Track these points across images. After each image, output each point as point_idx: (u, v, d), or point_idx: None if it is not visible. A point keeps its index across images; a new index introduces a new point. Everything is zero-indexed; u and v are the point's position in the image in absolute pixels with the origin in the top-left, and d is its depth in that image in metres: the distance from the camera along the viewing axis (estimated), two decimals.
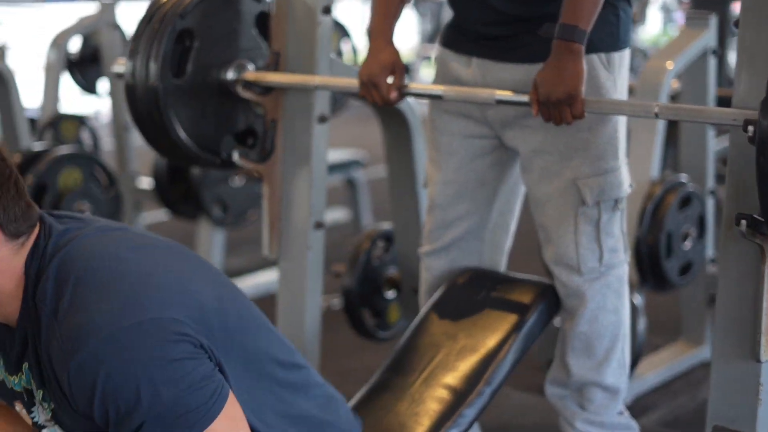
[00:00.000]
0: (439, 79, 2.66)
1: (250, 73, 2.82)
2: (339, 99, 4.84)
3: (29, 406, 1.76)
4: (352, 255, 3.36)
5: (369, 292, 3.37)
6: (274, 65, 2.83)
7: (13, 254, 1.64)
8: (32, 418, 1.76)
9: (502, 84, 2.49)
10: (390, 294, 3.41)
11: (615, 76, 2.49)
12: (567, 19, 2.31)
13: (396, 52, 2.59)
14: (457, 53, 2.60)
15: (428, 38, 11.36)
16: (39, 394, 1.70)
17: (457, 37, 2.61)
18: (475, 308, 2.63)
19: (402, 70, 2.58)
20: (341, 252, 3.53)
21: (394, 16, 2.62)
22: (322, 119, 2.85)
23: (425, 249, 2.80)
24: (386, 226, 3.45)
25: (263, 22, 2.89)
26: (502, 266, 2.84)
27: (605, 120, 2.48)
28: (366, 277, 3.36)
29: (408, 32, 11.40)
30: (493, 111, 2.56)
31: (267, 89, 2.82)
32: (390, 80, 2.57)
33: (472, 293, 2.67)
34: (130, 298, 1.60)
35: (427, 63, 10.95)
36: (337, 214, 6.04)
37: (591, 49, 2.39)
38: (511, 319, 2.58)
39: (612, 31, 2.47)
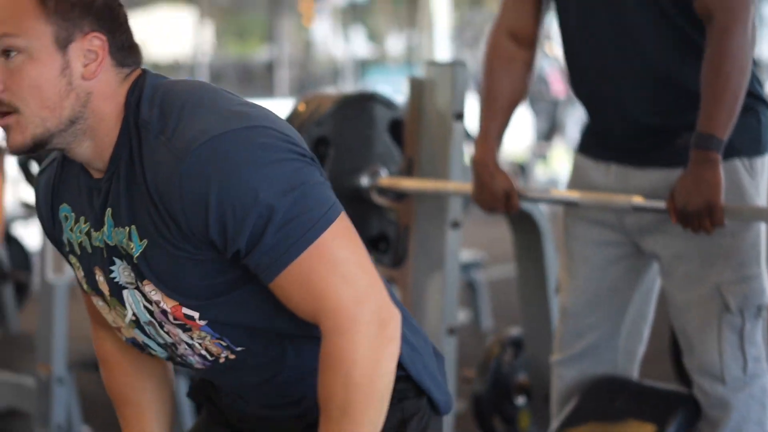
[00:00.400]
0: (575, 185, 2.66)
1: (384, 179, 2.84)
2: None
3: (108, 265, 1.69)
4: (483, 360, 3.33)
5: (499, 398, 3.33)
6: (408, 171, 2.85)
7: (119, 83, 1.64)
8: (113, 278, 1.69)
9: (640, 190, 2.47)
10: (520, 400, 3.37)
11: (758, 182, 2.46)
12: (703, 128, 2.30)
13: (506, 178, 2.60)
14: (595, 160, 2.60)
15: (543, 136, 11.36)
16: (125, 233, 1.63)
17: (596, 144, 2.61)
18: (612, 418, 2.58)
19: (515, 191, 2.59)
20: (462, 354, 3.49)
21: (497, 140, 2.62)
22: (455, 225, 2.85)
23: (557, 357, 2.76)
24: (514, 330, 3.41)
25: (396, 128, 2.93)
26: (634, 373, 2.78)
27: (748, 225, 2.44)
28: (496, 383, 3.32)
29: (523, 131, 11.44)
30: (632, 217, 2.54)
31: (400, 195, 2.84)
32: (508, 204, 2.59)
33: (608, 402, 2.62)
34: (237, 112, 1.60)
35: (542, 161, 10.95)
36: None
37: (734, 153, 2.37)
38: (649, 429, 2.52)
39: (754, 135, 2.44)
